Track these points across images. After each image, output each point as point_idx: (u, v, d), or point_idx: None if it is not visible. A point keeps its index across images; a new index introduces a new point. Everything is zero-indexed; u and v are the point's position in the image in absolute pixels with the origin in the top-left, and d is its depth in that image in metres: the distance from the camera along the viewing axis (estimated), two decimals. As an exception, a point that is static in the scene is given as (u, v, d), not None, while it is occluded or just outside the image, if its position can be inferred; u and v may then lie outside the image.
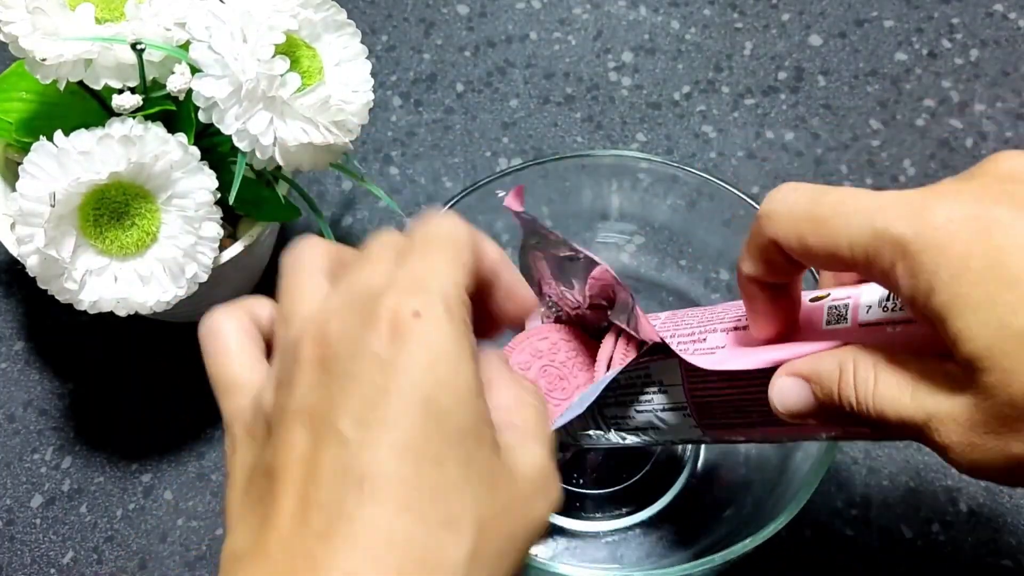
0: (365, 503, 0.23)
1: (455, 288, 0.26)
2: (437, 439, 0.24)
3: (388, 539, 0.23)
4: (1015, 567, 0.47)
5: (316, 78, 0.42)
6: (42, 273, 0.40)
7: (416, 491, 0.23)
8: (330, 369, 0.25)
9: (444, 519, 0.24)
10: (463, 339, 0.25)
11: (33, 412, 0.52)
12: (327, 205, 0.58)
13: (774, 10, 0.66)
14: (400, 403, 0.24)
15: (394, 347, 0.25)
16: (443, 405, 0.24)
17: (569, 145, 0.61)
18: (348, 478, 0.24)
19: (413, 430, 0.24)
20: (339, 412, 0.24)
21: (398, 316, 0.25)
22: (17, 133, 0.44)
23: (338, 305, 0.26)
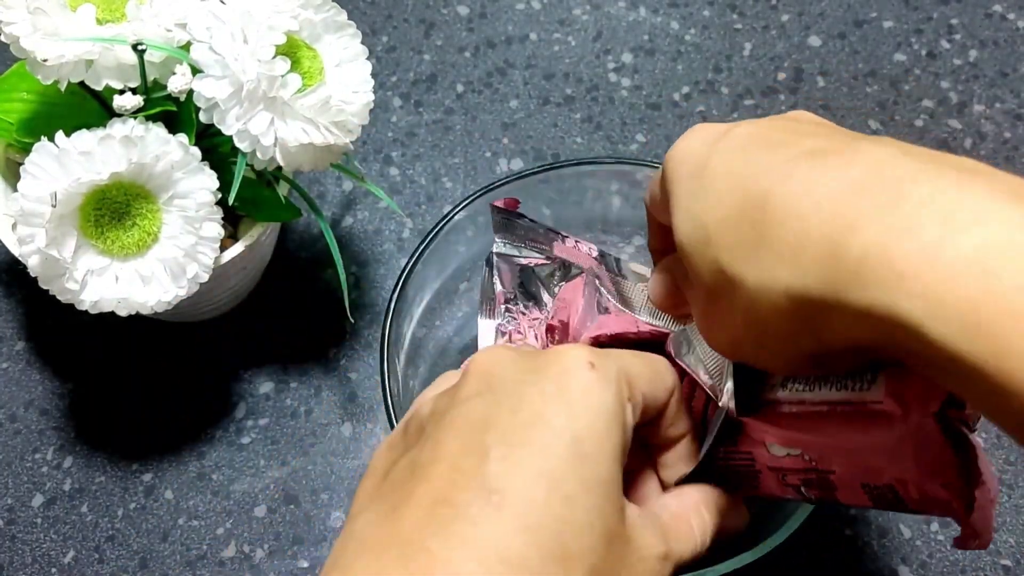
0: (490, 514, 0.24)
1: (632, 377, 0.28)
2: (574, 478, 0.25)
3: (502, 554, 0.24)
4: (1014, 567, 0.47)
5: (317, 79, 0.42)
6: (43, 273, 0.40)
7: (541, 518, 0.24)
8: (494, 386, 0.27)
9: (560, 554, 0.24)
10: (621, 409, 0.27)
11: (34, 412, 0.52)
12: (327, 205, 0.59)
13: (773, 11, 0.66)
14: (549, 433, 0.25)
15: (560, 384, 0.26)
16: (588, 451, 0.25)
17: (569, 146, 0.61)
18: (482, 487, 0.24)
19: (554, 461, 0.25)
20: (492, 426, 0.26)
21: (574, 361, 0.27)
22: (18, 133, 0.44)
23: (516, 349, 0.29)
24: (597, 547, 0.25)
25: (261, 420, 0.52)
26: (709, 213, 0.27)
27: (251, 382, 0.53)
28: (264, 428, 0.52)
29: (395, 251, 0.57)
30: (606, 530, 0.25)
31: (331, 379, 0.53)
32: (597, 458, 0.26)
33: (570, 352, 0.27)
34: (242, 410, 0.52)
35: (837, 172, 0.24)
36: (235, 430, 0.51)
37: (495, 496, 0.24)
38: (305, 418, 0.52)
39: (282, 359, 0.54)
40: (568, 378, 0.26)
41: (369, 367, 0.53)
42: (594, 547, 0.25)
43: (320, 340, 0.54)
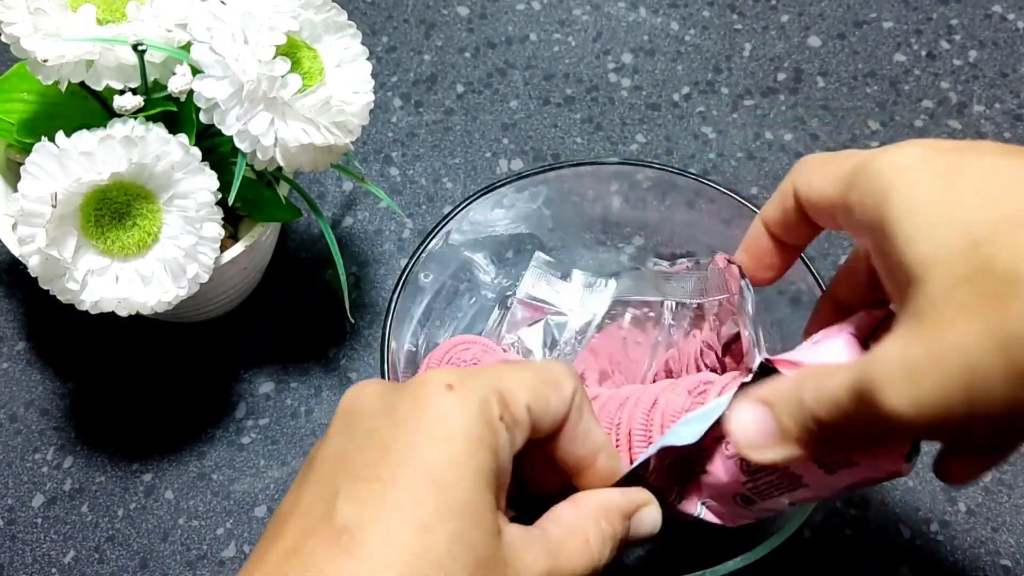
0: (338, 556, 0.23)
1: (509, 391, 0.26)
2: (431, 509, 0.24)
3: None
4: (1014, 567, 0.47)
5: (317, 79, 0.42)
6: (43, 273, 0.40)
7: (394, 552, 0.23)
8: (353, 426, 0.26)
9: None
10: (485, 429, 0.25)
11: (34, 412, 0.52)
12: (328, 206, 0.59)
13: (773, 11, 0.66)
14: (401, 464, 0.24)
15: (415, 410, 0.25)
16: (446, 478, 0.24)
17: (569, 146, 0.61)
18: (332, 529, 0.23)
19: (407, 493, 0.24)
20: (346, 466, 0.25)
21: (429, 386, 0.25)
22: (19, 134, 0.44)
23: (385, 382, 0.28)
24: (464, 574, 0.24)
25: (261, 420, 0.52)
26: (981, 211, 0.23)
27: (251, 382, 0.53)
28: (264, 428, 0.52)
29: (395, 251, 0.57)
30: (473, 557, 0.24)
31: (331, 379, 0.53)
32: (457, 484, 0.24)
33: (428, 376, 0.26)
34: (242, 410, 0.52)
35: None
36: (235, 430, 0.51)
37: (344, 536, 0.23)
38: (305, 418, 0.52)
39: (282, 359, 0.54)
40: (422, 405, 0.25)
41: (369, 367, 0.53)
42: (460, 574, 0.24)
43: (320, 340, 0.54)
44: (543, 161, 0.60)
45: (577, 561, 0.28)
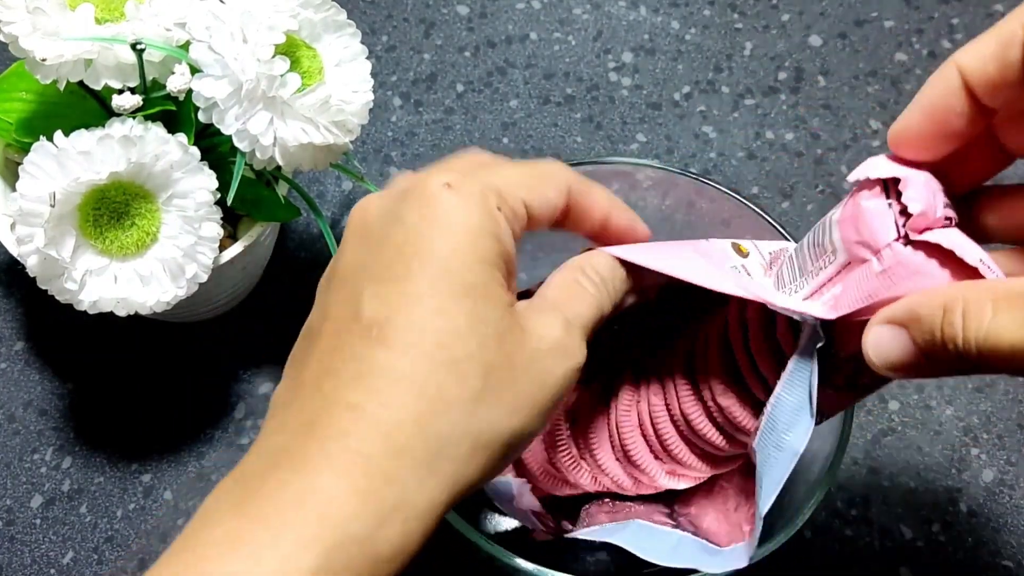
0: (373, 346, 0.26)
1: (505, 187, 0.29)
2: (444, 293, 0.26)
3: (392, 376, 0.25)
4: (1015, 567, 0.47)
5: (316, 78, 0.42)
6: (42, 273, 0.40)
7: (419, 335, 0.26)
8: (367, 237, 0.28)
9: (448, 360, 0.26)
10: (486, 218, 0.28)
11: (33, 412, 0.52)
12: (327, 205, 0.58)
13: (774, 10, 0.66)
14: (415, 261, 0.27)
15: (420, 213, 0.27)
16: (452, 265, 0.27)
17: (569, 145, 0.61)
18: (362, 326, 0.26)
19: (421, 284, 0.26)
20: (365, 271, 0.27)
21: (429, 188, 0.27)
22: (17, 133, 0.44)
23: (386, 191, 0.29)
24: (487, 345, 0.26)
25: (261, 420, 0.52)
26: None
27: (251, 382, 0.53)
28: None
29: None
30: (492, 328, 0.26)
31: (331, 379, 0.53)
32: (465, 269, 0.27)
33: (427, 178, 0.28)
34: (241, 410, 0.52)
35: None
36: (235, 430, 0.51)
37: (374, 330, 0.26)
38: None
39: (282, 359, 0.53)
40: (426, 205, 0.27)
41: (369, 367, 0.53)
42: (483, 345, 0.26)
43: (320, 340, 0.54)
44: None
45: (582, 305, 0.30)
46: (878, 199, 0.29)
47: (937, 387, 0.52)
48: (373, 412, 0.25)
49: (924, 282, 0.27)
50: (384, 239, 0.27)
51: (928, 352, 0.26)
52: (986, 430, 0.51)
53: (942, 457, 0.50)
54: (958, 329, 0.25)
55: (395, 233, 0.27)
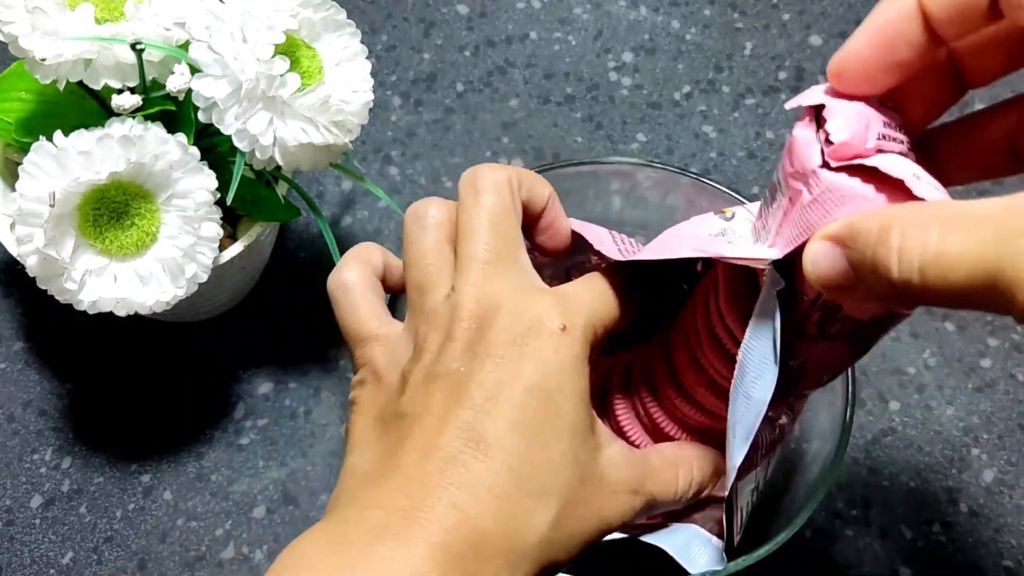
0: (478, 458, 0.28)
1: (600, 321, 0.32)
2: (549, 428, 0.29)
3: (490, 490, 0.28)
4: (1015, 567, 0.47)
5: (316, 78, 0.42)
6: (41, 273, 0.40)
7: (520, 461, 0.28)
8: (477, 350, 0.30)
9: (538, 489, 0.28)
10: (584, 361, 0.31)
11: (32, 412, 0.52)
12: (327, 205, 0.58)
13: (774, 10, 0.66)
14: (525, 390, 0.29)
15: (536, 347, 0.30)
16: (560, 405, 0.29)
17: (569, 145, 0.61)
18: (469, 436, 0.28)
19: (531, 415, 0.29)
20: (475, 384, 0.29)
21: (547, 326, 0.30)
22: (17, 133, 0.44)
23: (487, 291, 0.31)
24: (571, 483, 0.29)
25: (260, 421, 0.52)
26: None
27: (250, 382, 0.53)
28: (263, 429, 0.51)
29: (395, 251, 0.57)
30: (579, 469, 0.29)
31: (330, 379, 0.53)
32: (567, 408, 0.29)
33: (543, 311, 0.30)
34: (241, 411, 0.52)
35: None
36: (234, 431, 0.51)
37: (481, 445, 0.28)
38: (304, 419, 0.52)
39: (281, 359, 0.53)
40: (541, 342, 0.30)
41: (369, 367, 0.53)
42: (568, 483, 0.29)
43: (320, 340, 0.54)
44: (543, 160, 0.60)
45: (663, 489, 0.33)
46: (807, 128, 0.28)
47: (937, 387, 0.52)
48: (471, 517, 0.27)
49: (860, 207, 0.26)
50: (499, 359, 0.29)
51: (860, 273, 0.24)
52: (986, 430, 0.51)
53: (942, 457, 0.50)
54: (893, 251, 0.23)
55: (510, 355, 0.29)
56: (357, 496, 0.29)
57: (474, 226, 0.32)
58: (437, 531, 0.27)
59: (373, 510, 0.28)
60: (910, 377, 0.53)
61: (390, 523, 0.27)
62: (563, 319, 0.30)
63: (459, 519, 0.27)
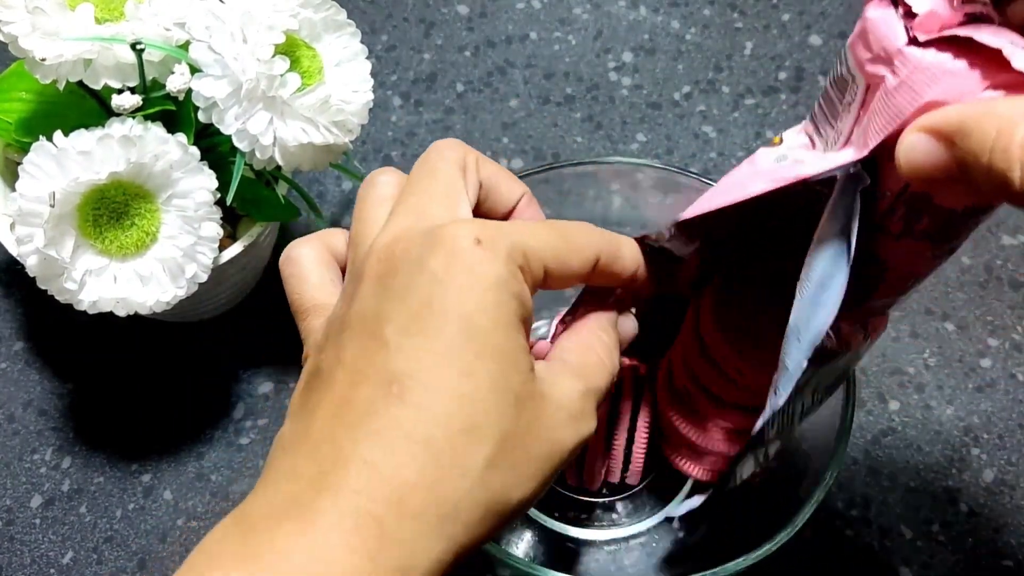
0: (392, 403, 0.25)
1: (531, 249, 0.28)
2: (471, 353, 0.26)
3: (408, 436, 0.25)
4: (1015, 567, 0.47)
5: (316, 78, 0.42)
6: (42, 273, 0.40)
7: (442, 397, 0.25)
8: (388, 284, 0.27)
9: (466, 425, 0.25)
10: (512, 280, 0.27)
11: (33, 412, 0.52)
12: (327, 205, 0.58)
13: (774, 10, 0.66)
14: (442, 317, 0.26)
15: (449, 267, 0.27)
16: (481, 326, 0.26)
17: (569, 145, 0.61)
18: (382, 380, 0.26)
19: (449, 342, 0.26)
20: (387, 321, 0.26)
21: (459, 241, 0.27)
22: (17, 133, 0.44)
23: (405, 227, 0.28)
24: (506, 412, 0.26)
25: (260, 420, 0.52)
26: None
27: (250, 382, 0.53)
28: (263, 428, 0.51)
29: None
30: (513, 394, 0.26)
31: (331, 379, 0.53)
32: (492, 331, 0.26)
33: (458, 231, 0.27)
34: (241, 410, 0.52)
35: None
36: (234, 431, 0.51)
37: (395, 386, 0.25)
38: None
39: (281, 359, 0.53)
40: (454, 259, 0.27)
41: (369, 367, 0.53)
42: (502, 413, 0.26)
43: (319, 340, 0.54)
44: (543, 161, 0.60)
45: (600, 376, 0.30)
46: (884, 8, 0.26)
47: (937, 387, 0.52)
48: (387, 472, 0.25)
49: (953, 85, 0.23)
50: (408, 289, 0.27)
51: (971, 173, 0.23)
52: (986, 430, 0.51)
53: (942, 457, 0.50)
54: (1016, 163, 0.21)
55: (420, 285, 0.27)
56: (271, 470, 0.27)
57: (415, 180, 0.30)
58: (348, 495, 0.24)
59: (282, 484, 0.26)
60: (910, 377, 0.53)
61: (298, 495, 0.25)
62: (477, 234, 0.27)
63: (371, 477, 0.24)
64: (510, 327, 0.27)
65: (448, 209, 0.29)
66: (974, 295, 0.55)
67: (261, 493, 0.26)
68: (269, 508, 0.25)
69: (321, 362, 0.28)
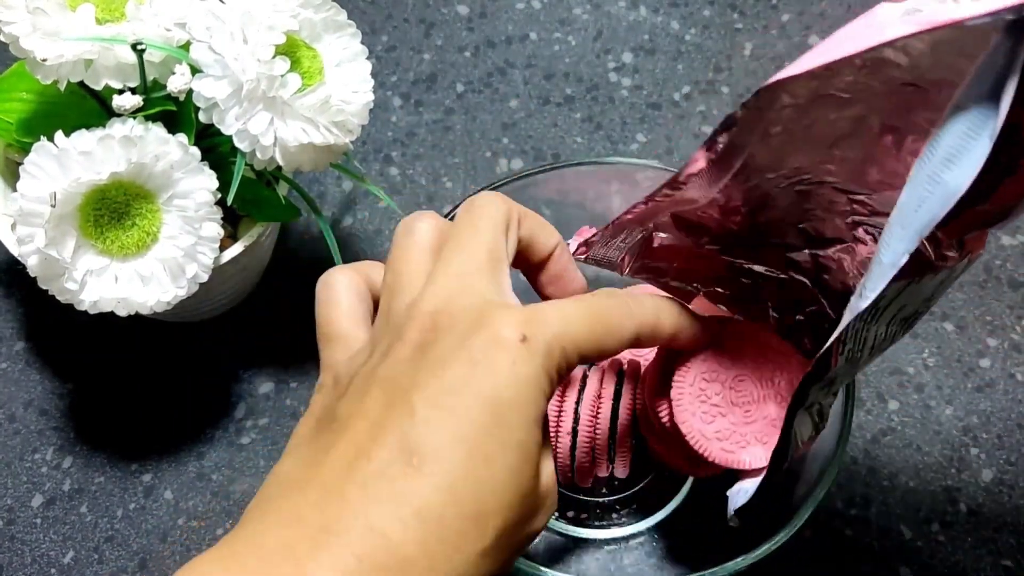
0: (409, 474, 0.25)
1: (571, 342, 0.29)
2: (495, 442, 0.26)
3: (417, 509, 0.25)
4: (1015, 567, 0.47)
5: (316, 78, 0.42)
6: (43, 273, 0.40)
7: (458, 479, 0.25)
8: (426, 352, 0.27)
9: (476, 512, 0.26)
10: (545, 378, 0.28)
11: (34, 412, 0.52)
12: (327, 205, 0.59)
13: (774, 11, 0.66)
14: (473, 400, 0.26)
15: (489, 354, 0.27)
16: (509, 419, 0.27)
17: (569, 145, 0.61)
18: (402, 447, 0.26)
19: (476, 426, 0.26)
20: (418, 389, 0.27)
21: (504, 331, 0.27)
22: (18, 133, 0.44)
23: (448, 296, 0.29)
24: (512, 504, 0.26)
25: (261, 420, 0.52)
26: None
27: (251, 382, 0.53)
28: (264, 428, 0.52)
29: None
30: (520, 489, 0.27)
31: (331, 379, 0.53)
32: (517, 424, 0.27)
33: (504, 320, 0.28)
34: (242, 410, 0.52)
35: None
36: (235, 430, 0.51)
37: (415, 457, 0.25)
38: None
39: (282, 359, 0.53)
40: (496, 348, 0.27)
41: (369, 367, 0.53)
42: (509, 504, 0.26)
43: (320, 340, 0.54)
44: (543, 161, 0.60)
45: None
46: None
47: (937, 387, 0.52)
48: (392, 544, 0.24)
49: None
50: (445, 364, 0.27)
51: None
52: (985, 430, 0.51)
53: (941, 457, 0.50)
54: None
55: (458, 362, 0.27)
56: (271, 507, 0.26)
57: (459, 240, 0.30)
58: (347, 559, 0.24)
59: (281, 528, 0.25)
60: (909, 377, 0.53)
61: (295, 545, 0.24)
62: (523, 330, 0.28)
63: (376, 545, 0.24)
64: (533, 424, 0.27)
65: (493, 282, 0.29)
66: (973, 295, 0.55)
67: (253, 530, 0.26)
68: (261, 552, 0.25)
69: (339, 407, 0.28)
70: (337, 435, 0.27)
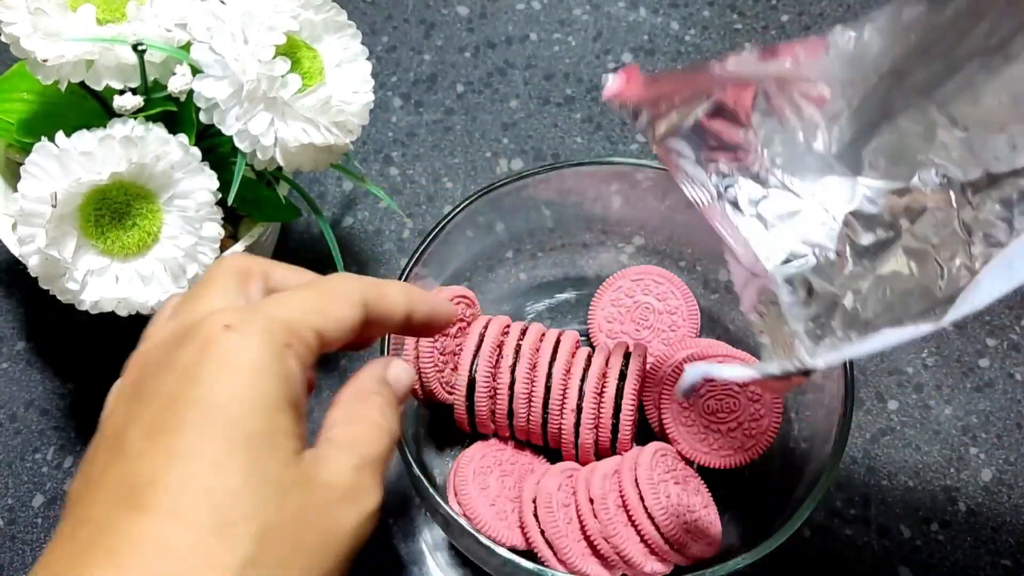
0: (131, 514, 0.23)
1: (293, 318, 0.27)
2: (219, 445, 0.24)
3: (151, 548, 0.23)
4: (1014, 567, 0.47)
5: (317, 79, 0.42)
6: (43, 273, 0.40)
7: (187, 496, 0.23)
8: (139, 391, 0.26)
9: (217, 523, 0.23)
10: (274, 356, 0.25)
11: (34, 412, 0.52)
12: (328, 205, 0.59)
13: (773, 11, 0.66)
14: (188, 411, 0.24)
15: (200, 359, 0.25)
16: (232, 414, 0.24)
17: (569, 146, 0.61)
18: (120, 491, 0.23)
19: (195, 436, 0.24)
20: (132, 427, 0.25)
21: (207, 330, 0.25)
22: (18, 134, 0.44)
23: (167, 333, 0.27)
24: (264, 504, 0.24)
25: (261, 420, 0.52)
26: None
27: (251, 382, 0.53)
28: (264, 428, 0.52)
29: (395, 251, 0.57)
30: (272, 484, 0.24)
31: (331, 379, 0.53)
32: (245, 416, 0.24)
33: (206, 320, 0.26)
34: (242, 410, 0.52)
35: None
36: (235, 430, 0.51)
37: (135, 495, 0.23)
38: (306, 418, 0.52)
39: (282, 359, 0.53)
40: (206, 350, 0.25)
41: (369, 367, 0.53)
42: (259, 505, 0.24)
43: (320, 340, 0.54)
44: (543, 161, 0.60)
45: (375, 442, 0.28)
46: None
47: (936, 387, 0.53)
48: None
49: None
50: (156, 390, 0.25)
51: None
52: (985, 429, 0.51)
53: (941, 456, 0.50)
54: None
55: (168, 383, 0.25)
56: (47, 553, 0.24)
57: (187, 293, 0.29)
58: None
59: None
60: (908, 376, 0.53)
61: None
62: (225, 321, 0.25)
63: None
64: (270, 411, 0.25)
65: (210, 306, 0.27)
66: (973, 295, 0.55)
67: None
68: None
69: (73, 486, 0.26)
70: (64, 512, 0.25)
